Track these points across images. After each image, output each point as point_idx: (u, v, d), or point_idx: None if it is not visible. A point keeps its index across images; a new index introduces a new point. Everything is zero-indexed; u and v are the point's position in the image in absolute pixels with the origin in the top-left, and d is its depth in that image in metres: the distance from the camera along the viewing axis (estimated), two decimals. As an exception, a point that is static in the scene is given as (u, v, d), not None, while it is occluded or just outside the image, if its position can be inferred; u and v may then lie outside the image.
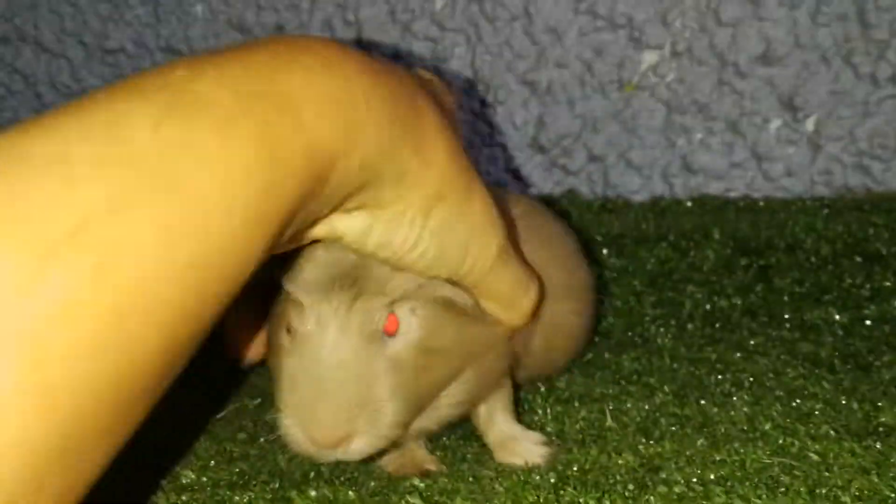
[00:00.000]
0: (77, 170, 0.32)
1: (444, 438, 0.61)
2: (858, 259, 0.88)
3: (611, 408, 0.63)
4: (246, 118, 0.36)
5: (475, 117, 1.14)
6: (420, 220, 0.47)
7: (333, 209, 0.44)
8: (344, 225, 0.46)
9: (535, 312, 0.57)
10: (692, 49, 1.07)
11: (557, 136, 1.11)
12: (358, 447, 0.50)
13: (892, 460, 0.53)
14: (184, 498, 0.53)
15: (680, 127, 1.08)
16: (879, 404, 0.61)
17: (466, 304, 0.53)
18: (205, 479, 0.56)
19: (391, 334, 0.50)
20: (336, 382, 0.49)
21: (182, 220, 0.33)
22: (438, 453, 0.59)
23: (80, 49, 1.27)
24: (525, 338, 0.59)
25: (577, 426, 0.61)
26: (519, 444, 0.59)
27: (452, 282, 0.52)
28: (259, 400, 0.69)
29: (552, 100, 1.11)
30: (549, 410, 0.64)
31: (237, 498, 0.53)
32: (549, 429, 0.61)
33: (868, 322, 0.80)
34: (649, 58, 1.08)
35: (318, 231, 0.46)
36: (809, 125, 1.06)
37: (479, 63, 1.12)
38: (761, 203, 1.02)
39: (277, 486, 0.54)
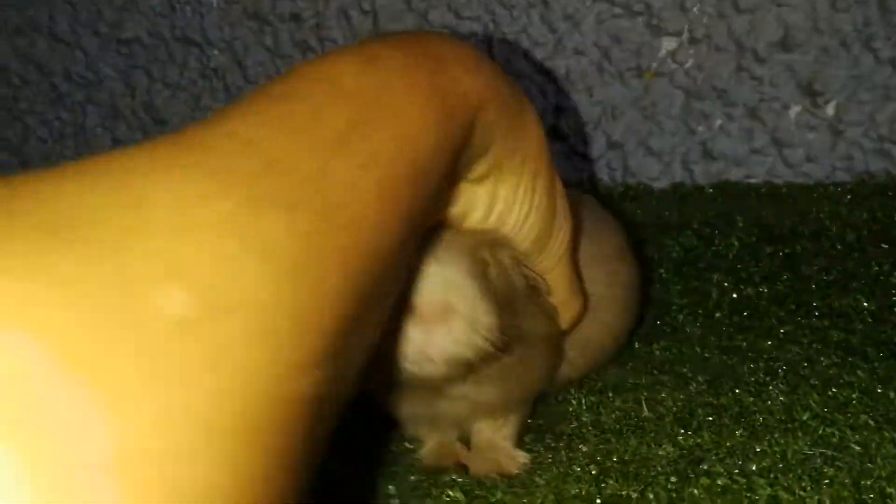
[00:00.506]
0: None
1: (479, 431, 0.61)
2: (885, 245, 0.87)
3: (645, 397, 0.63)
4: (417, 67, 0.42)
5: (493, 105, 1.13)
6: (530, 193, 0.51)
7: (465, 174, 0.48)
8: (474, 198, 0.50)
9: (577, 323, 0.59)
10: (710, 35, 1.06)
11: (576, 123, 1.11)
12: (459, 329, 0.49)
13: (935, 451, 0.52)
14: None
15: (699, 113, 1.08)
16: (917, 393, 0.60)
17: (543, 287, 0.55)
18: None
19: None
20: (439, 272, 0.49)
21: (399, 139, 0.38)
22: (474, 446, 0.59)
23: (94, 39, 1.26)
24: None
25: (614, 416, 0.61)
26: (498, 454, 0.58)
27: None
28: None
29: (571, 87, 1.10)
30: (583, 401, 0.63)
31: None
32: (584, 418, 0.61)
33: (897, 309, 0.80)
34: (667, 44, 1.08)
35: (455, 206, 0.50)
36: (829, 110, 1.05)
37: (495, 51, 1.11)
38: (784, 189, 1.01)
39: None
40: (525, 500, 0.50)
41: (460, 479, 0.54)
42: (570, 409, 0.63)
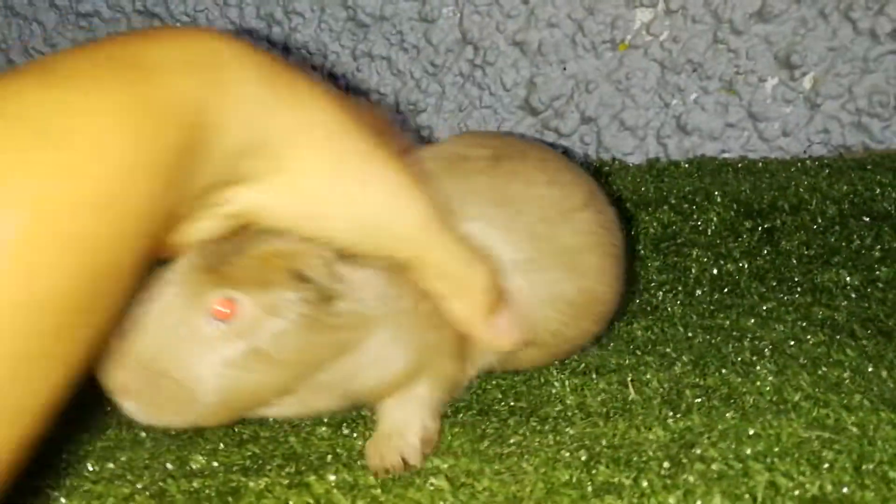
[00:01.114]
0: None
1: (461, 415, 0.59)
2: (866, 219, 0.86)
3: (631, 379, 0.61)
4: (111, 79, 0.39)
5: (464, 79, 1.11)
6: (335, 179, 0.47)
7: (232, 178, 0.45)
8: (252, 199, 0.46)
9: (499, 291, 0.54)
10: (686, 6, 1.04)
11: (549, 97, 1.08)
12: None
13: (935, 432, 0.51)
14: (195, 484, 0.51)
15: (674, 87, 1.06)
16: (910, 372, 0.59)
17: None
18: (216, 463, 0.53)
19: None
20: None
21: (70, 166, 0.36)
22: (457, 430, 0.56)
23: (52, 13, 1.22)
24: None
25: (599, 398, 0.59)
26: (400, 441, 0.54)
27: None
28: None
29: (543, 60, 1.08)
30: (566, 383, 0.61)
31: (252, 484, 0.50)
32: (569, 401, 0.59)
33: (880, 284, 0.78)
34: (642, 16, 1.06)
35: (232, 207, 0.46)
36: (807, 83, 1.03)
37: (467, 24, 1.09)
38: (760, 164, 1.00)
39: (293, 470, 0.52)
40: (514, 489, 0.48)
41: (445, 466, 0.51)
42: (553, 391, 0.61)
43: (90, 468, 0.54)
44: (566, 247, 0.58)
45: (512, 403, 0.60)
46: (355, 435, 0.57)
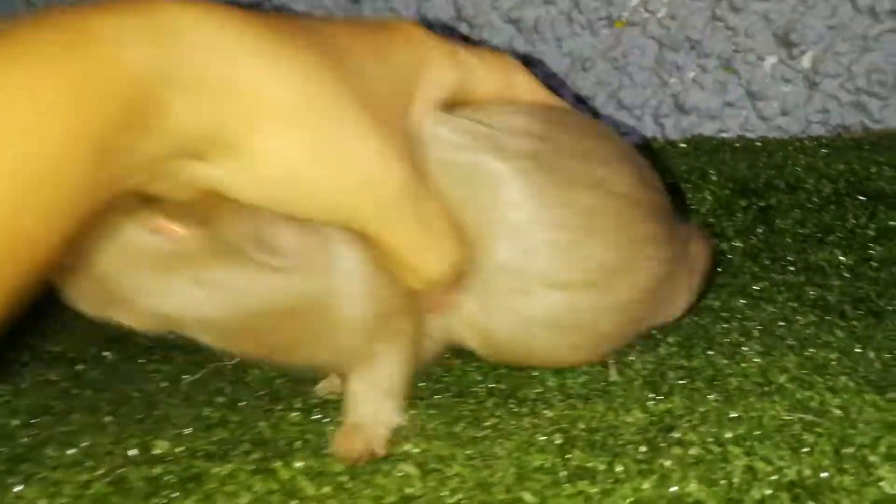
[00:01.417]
0: None
1: (438, 396, 0.57)
2: (861, 198, 0.84)
3: (614, 360, 0.59)
4: (55, 53, 0.38)
5: (458, 58, 1.09)
6: (281, 172, 0.45)
7: (186, 154, 0.43)
8: (210, 176, 0.45)
9: (450, 281, 0.52)
10: (684, -18, 1.02)
11: (544, 75, 1.07)
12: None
13: (919, 415, 0.49)
14: (157, 470, 0.49)
15: (672, 65, 1.04)
16: (896, 353, 0.58)
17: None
18: (180, 448, 0.52)
19: None
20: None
21: (5, 146, 0.36)
22: (432, 412, 0.55)
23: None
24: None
25: (580, 380, 0.58)
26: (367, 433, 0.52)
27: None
28: (237, 360, 0.64)
29: (539, 38, 1.06)
30: (548, 364, 0.60)
31: (216, 469, 0.49)
32: (549, 383, 0.58)
33: (874, 263, 0.77)
34: (639, -8, 1.04)
35: (195, 181, 0.45)
36: (806, 62, 1.01)
37: (461, 0, 1.07)
38: (758, 143, 0.98)
39: (260, 456, 0.50)
40: (484, 474, 0.47)
41: (416, 451, 0.50)
42: (535, 373, 0.59)
43: (49, 454, 0.52)
44: None
45: (491, 385, 0.59)
46: (326, 420, 0.55)
